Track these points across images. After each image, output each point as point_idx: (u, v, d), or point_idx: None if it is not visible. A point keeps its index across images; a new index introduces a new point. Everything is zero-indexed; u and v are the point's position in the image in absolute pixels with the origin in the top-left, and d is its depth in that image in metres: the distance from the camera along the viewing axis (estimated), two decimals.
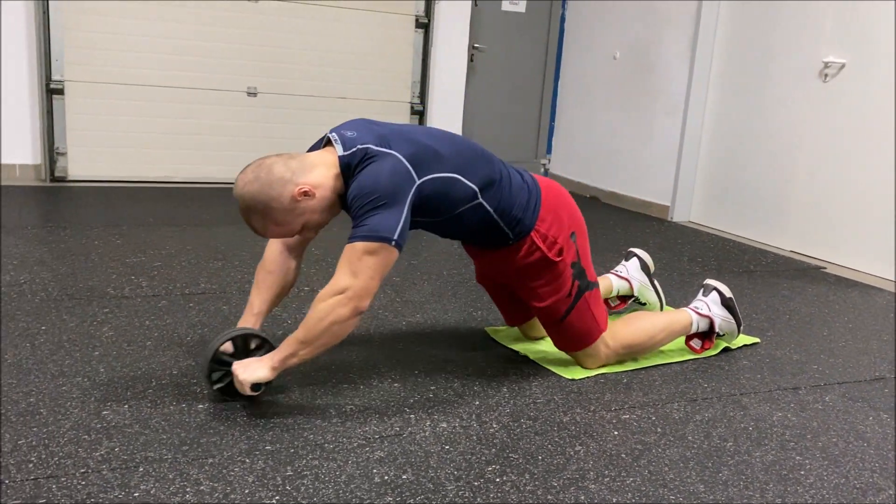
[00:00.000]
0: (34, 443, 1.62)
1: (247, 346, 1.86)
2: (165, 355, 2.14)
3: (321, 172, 1.80)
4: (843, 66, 3.97)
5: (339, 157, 1.81)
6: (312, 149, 1.95)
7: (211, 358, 1.82)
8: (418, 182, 1.80)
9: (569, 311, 2.11)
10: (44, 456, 1.57)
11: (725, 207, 4.74)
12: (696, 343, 2.44)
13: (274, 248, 1.99)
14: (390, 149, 1.80)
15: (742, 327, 2.50)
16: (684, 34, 4.85)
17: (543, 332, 2.42)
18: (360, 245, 1.72)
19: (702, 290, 2.48)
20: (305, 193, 1.76)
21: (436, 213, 1.91)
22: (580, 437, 1.83)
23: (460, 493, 1.55)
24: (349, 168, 1.80)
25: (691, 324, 2.38)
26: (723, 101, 4.74)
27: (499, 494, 1.55)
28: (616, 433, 1.86)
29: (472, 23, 5.62)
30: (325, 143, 1.90)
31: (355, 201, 1.75)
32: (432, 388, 2.05)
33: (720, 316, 2.41)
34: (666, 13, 4.99)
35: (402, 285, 2.99)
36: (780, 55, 4.32)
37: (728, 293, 2.44)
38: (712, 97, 4.81)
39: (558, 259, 2.06)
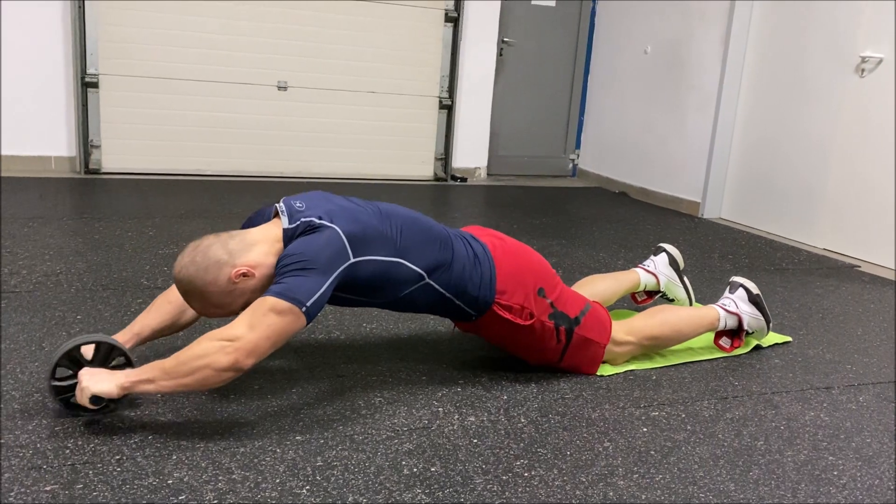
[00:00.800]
0: (71, 429, 1.65)
1: (108, 357, 1.72)
2: None
3: (261, 250, 1.74)
4: (880, 61, 3.90)
5: (284, 229, 1.76)
6: (257, 217, 1.91)
7: (63, 355, 1.67)
8: (352, 261, 1.74)
9: (564, 352, 2.09)
10: (80, 442, 1.60)
11: (757, 204, 4.68)
12: (725, 342, 2.41)
13: None
14: (333, 223, 1.75)
15: (771, 324, 2.46)
16: (717, 28, 4.78)
17: None
18: (270, 300, 1.62)
19: (728, 288, 2.45)
20: (244, 275, 1.70)
21: (377, 295, 1.86)
22: (609, 433, 1.83)
23: (488, 486, 1.55)
24: (291, 241, 1.75)
25: (718, 319, 2.35)
26: (755, 96, 4.67)
27: (527, 489, 1.55)
28: (645, 430, 1.85)
29: (502, 17, 5.61)
30: (274, 213, 1.85)
31: (282, 260, 1.70)
32: (460, 381, 2.06)
33: (748, 313, 2.38)
34: (698, 7, 4.93)
35: None
36: (815, 50, 4.25)
37: (755, 290, 2.41)
38: (745, 92, 4.75)
39: (531, 321, 2.01)
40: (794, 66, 4.39)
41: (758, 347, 2.47)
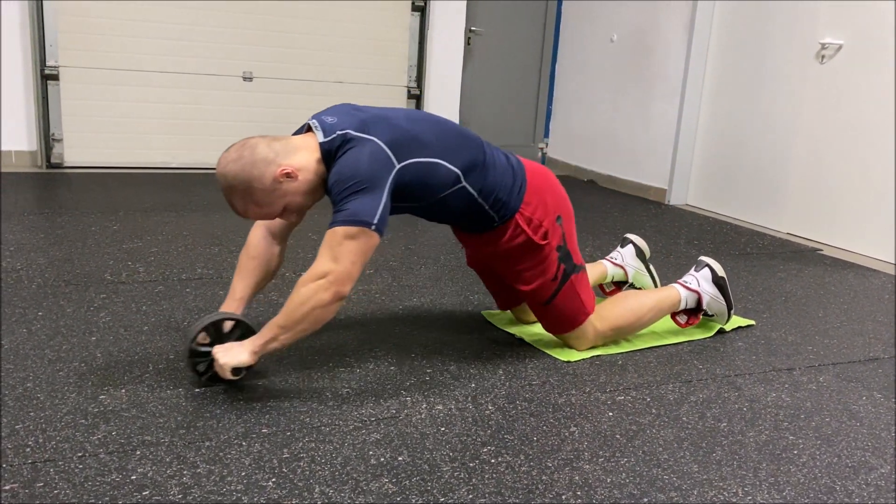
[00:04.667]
0: (32, 427, 1.63)
1: (219, 331, 1.85)
2: (162, 340, 2.15)
3: (304, 156, 1.80)
4: (840, 47, 3.96)
5: (320, 143, 1.80)
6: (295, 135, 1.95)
7: (189, 353, 1.84)
8: (398, 167, 1.79)
9: (555, 294, 2.12)
10: (41, 440, 1.58)
11: (722, 190, 4.74)
12: (681, 318, 2.44)
13: (258, 234, 1.98)
14: (369, 134, 1.79)
15: (733, 310, 2.50)
16: (681, 16, 4.82)
17: None
18: (340, 230, 1.72)
19: (695, 266, 2.49)
20: (288, 175, 1.76)
21: (419, 199, 1.90)
22: (575, 418, 1.84)
23: (455, 474, 1.56)
24: (329, 154, 1.80)
25: (680, 301, 2.39)
26: (720, 83, 4.72)
27: (494, 475, 1.56)
28: (611, 414, 1.88)
29: (469, 6, 5.60)
30: (306, 129, 1.89)
31: (335, 186, 1.75)
32: (429, 370, 2.06)
33: (709, 293, 2.41)
34: None
35: (399, 270, 3.00)
36: (777, 38, 4.30)
37: (721, 272, 2.44)
38: (709, 80, 4.80)
39: (543, 242, 2.06)
40: (757, 54, 4.44)
41: (721, 331, 2.51)
